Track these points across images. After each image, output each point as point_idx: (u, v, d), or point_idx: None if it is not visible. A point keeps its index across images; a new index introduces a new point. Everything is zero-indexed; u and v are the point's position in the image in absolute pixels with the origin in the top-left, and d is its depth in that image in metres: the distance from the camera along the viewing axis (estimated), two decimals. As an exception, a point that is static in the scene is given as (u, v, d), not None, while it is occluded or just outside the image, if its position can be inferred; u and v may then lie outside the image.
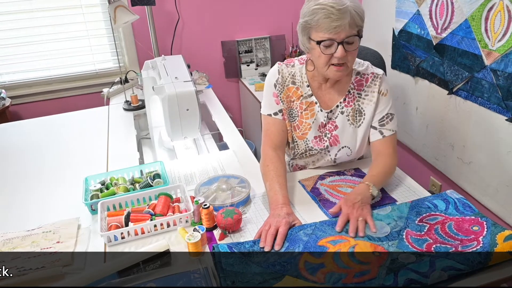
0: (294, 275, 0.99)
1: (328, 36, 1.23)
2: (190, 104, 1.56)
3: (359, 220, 1.16)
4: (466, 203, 1.23)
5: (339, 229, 1.14)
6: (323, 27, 1.22)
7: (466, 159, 1.97)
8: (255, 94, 2.78)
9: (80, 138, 1.93)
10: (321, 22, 1.22)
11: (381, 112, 1.42)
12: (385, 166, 1.38)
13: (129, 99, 2.28)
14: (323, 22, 1.22)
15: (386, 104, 1.42)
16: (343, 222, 1.16)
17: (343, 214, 1.18)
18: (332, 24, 1.21)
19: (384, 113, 1.42)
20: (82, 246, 1.19)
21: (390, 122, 1.42)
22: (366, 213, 1.19)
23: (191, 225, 1.24)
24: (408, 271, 0.97)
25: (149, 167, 1.53)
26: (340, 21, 1.21)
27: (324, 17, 1.21)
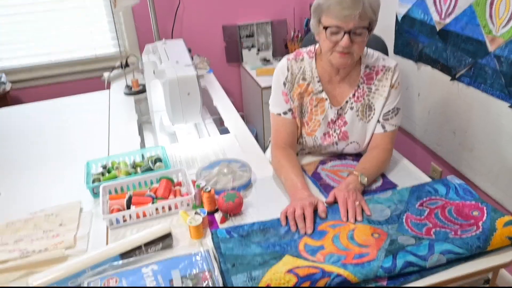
0: (294, 255, 1.01)
1: (336, 23, 1.21)
2: (191, 89, 1.55)
3: (356, 205, 1.16)
4: (466, 188, 1.23)
5: (345, 218, 1.14)
6: (333, 13, 1.21)
7: (468, 145, 1.97)
8: (256, 79, 2.77)
9: (81, 123, 1.94)
10: (332, 8, 1.21)
11: (388, 105, 1.40)
12: (378, 160, 1.36)
13: (129, 83, 2.27)
14: (334, 8, 1.20)
15: (395, 98, 1.40)
16: (345, 209, 1.16)
17: (342, 202, 1.18)
18: (342, 12, 1.19)
19: (391, 107, 1.40)
20: (84, 229, 1.20)
21: (394, 117, 1.41)
22: (360, 198, 1.20)
23: (193, 209, 1.25)
24: (407, 253, 0.98)
25: (151, 151, 1.54)
26: (351, 10, 1.19)
27: (336, 3, 1.20)
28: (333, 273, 0.93)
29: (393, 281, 0.95)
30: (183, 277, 0.95)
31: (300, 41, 2.96)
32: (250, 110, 3.13)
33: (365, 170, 1.30)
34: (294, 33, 2.98)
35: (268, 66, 2.96)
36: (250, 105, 3.09)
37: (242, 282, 0.91)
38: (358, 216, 1.14)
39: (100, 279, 0.96)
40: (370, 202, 1.21)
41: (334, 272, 0.94)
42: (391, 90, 1.39)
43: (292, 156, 1.39)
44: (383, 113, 1.40)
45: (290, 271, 0.93)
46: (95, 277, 0.97)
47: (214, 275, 0.96)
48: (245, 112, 3.28)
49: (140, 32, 2.79)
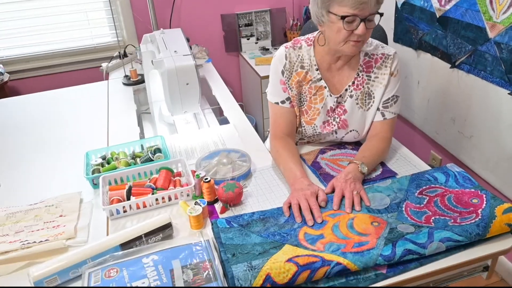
0: (294, 244, 1.01)
1: (352, 12, 1.18)
2: (190, 78, 1.55)
3: (354, 194, 1.16)
4: (466, 176, 1.23)
5: (336, 207, 1.14)
6: (348, 2, 1.17)
7: (467, 133, 1.97)
8: (255, 68, 2.76)
9: (80, 113, 1.93)
10: None
11: (388, 93, 1.39)
12: (378, 149, 1.36)
13: (128, 73, 2.26)
14: None
15: (394, 85, 1.39)
16: (339, 198, 1.16)
17: (338, 190, 1.18)
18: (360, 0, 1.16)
19: (391, 94, 1.39)
20: (84, 219, 1.20)
21: (394, 104, 1.40)
22: (359, 188, 1.19)
23: (192, 199, 1.25)
24: (406, 241, 0.98)
25: (150, 141, 1.53)
26: None
27: None
28: (333, 261, 0.94)
29: (393, 269, 0.96)
30: (183, 267, 0.96)
31: (299, 29, 2.94)
32: (249, 100, 3.12)
33: (365, 159, 1.30)
34: (293, 21, 2.96)
35: (267, 55, 2.95)
36: (249, 94, 3.08)
37: (242, 271, 0.91)
38: (356, 206, 1.14)
39: (101, 270, 0.96)
40: (369, 191, 1.21)
41: (334, 260, 0.94)
42: (390, 78, 1.38)
43: (291, 146, 1.39)
44: (382, 101, 1.40)
45: (290, 260, 0.93)
46: (96, 267, 0.97)
47: (215, 265, 0.96)
48: (244, 102, 3.27)
49: (138, 21, 2.77)
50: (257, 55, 2.94)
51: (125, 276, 0.94)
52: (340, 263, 0.94)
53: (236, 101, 2.01)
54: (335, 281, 0.94)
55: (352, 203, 1.15)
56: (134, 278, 0.93)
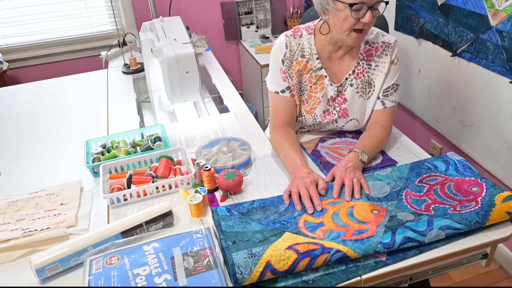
0: (294, 232, 1.01)
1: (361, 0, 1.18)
2: (189, 67, 1.54)
3: (354, 182, 1.17)
4: (466, 164, 1.23)
5: (336, 195, 1.15)
6: None
7: (468, 121, 1.97)
8: (255, 56, 2.74)
9: (80, 102, 1.93)
10: None
11: (388, 81, 1.39)
12: (378, 138, 1.36)
13: (127, 62, 2.25)
14: None
15: (394, 74, 1.38)
16: (338, 186, 1.16)
17: (338, 179, 1.18)
18: None
19: (391, 83, 1.39)
20: (85, 208, 1.21)
21: (394, 93, 1.40)
22: (360, 176, 1.20)
23: (193, 187, 1.26)
24: (406, 229, 0.99)
25: (150, 130, 1.53)
26: None
27: None
28: (332, 249, 0.94)
29: (392, 257, 0.97)
30: (184, 254, 0.96)
31: (300, 17, 2.92)
32: (250, 88, 3.11)
33: (365, 147, 1.30)
34: (293, 9, 2.94)
35: (267, 43, 2.93)
36: (249, 83, 3.07)
37: (242, 258, 0.92)
38: (356, 193, 1.15)
39: (102, 257, 0.97)
40: (369, 179, 1.21)
41: (334, 248, 0.94)
42: (391, 66, 1.37)
43: (291, 134, 1.39)
44: (382, 89, 1.39)
45: (290, 248, 0.94)
46: (97, 255, 0.98)
47: (215, 252, 0.97)
48: (244, 90, 3.26)
49: (137, 9, 2.75)
50: (257, 44, 2.92)
51: (126, 264, 0.94)
52: (340, 250, 0.94)
53: (236, 89, 2.00)
54: (335, 268, 0.95)
55: (352, 191, 1.15)
56: (135, 265, 0.94)
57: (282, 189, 1.22)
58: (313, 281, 0.92)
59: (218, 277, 0.91)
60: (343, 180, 1.18)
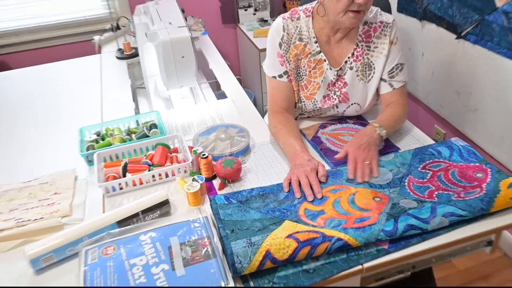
0: (294, 220, 1.02)
1: None
2: (185, 51, 1.53)
3: (365, 164, 1.17)
4: (470, 150, 1.23)
5: (352, 176, 1.16)
6: None
7: (472, 106, 1.96)
8: (253, 40, 2.72)
9: (73, 88, 1.91)
10: None
11: (390, 62, 1.38)
12: (394, 114, 1.36)
13: (121, 47, 2.23)
14: None
15: (396, 54, 1.37)
16: (353, 167, 1.17)
17: (351, 160, 1.18)
18: None
19: (394, 63, 1.38)
20: (80, 197, 1.20)
21: (400, 73, 1.38)
22: (373, 156, 1.20)
23: (190, 175, 1.26)
24: (409, 216, 0.99)
25: (145, 117, 1.52)
26: None
27: None
28: (333, 237, 0.94)
29: (395, 245, 0.97)
30: (181, 244, 0.96)
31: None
32: (248, 74, 3.09)
33: (383, 122, 1.30)
34: (293, -9, 2.91)
35: (266, 26, 2.90)
36: (248, 68, 3.05)
37: (241, 247, 0.92)
38: (365, 176, 1.15)
39: (98, 247, 0.97)
40: (371, 166, 1.21)
41: (335, 236, 0.95)
42: (391, 47, 1.36)
43: (290, 120, 1.38)
44: (387, 72, 1.38)
45: (290, 236, 0.94)
46: (93, 245, 0.98)
47: (213, 241, 0.97)
48: (242, 75, 3.24)
49: (131, -8, 2.72)
50: (255, 27, 2.90)
51: (123, 254, 0.94)
52: (341, 238, 0.94)
53: (234, 75, 1.99)
54: (336, 257, 0.95)
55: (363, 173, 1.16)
56: (132, 255, 0.94)
57: (281, 177, 1.22)
58: (314, 270, 0.93)
59: (216, 267, 0.91)
60: (356, 160, 1.18)
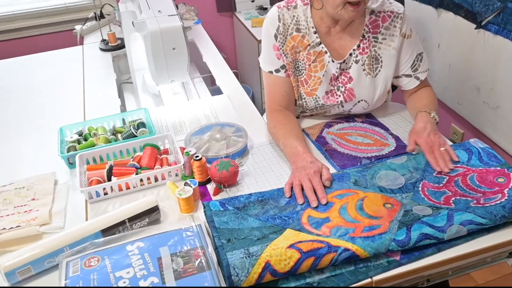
0: (296, 229, 1.02)
1: None
2: (176, 42, 1.53)
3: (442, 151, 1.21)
4: (491, 152, 1.24)
5: (439, 168, 1.19)
6: None
7: (493, 103, 1.97)
8: (251, 30, 2.73)
9: (52, 83, 1.92)
10: None
11: (410, 56, 1.40)
12: (429, 96, 1.42)
13: (106, 37, 2.24)
14: None
15: (414, 46, 1.40)
16: (434, 157, 1.21)
17: (428, 150, 1.22)
18: None
19: (414, 56, 1.41)
20: (60, 203, 1.21)
21: (421, 63, 1.43)
22: (444, 141, 1.25)
23: (182, 179, 1.26)
24: (423, 225, 1.00)
25: (132, 115, 1.53)
26: None
27: None
28: (340, 247, 0.95)
29: (407, 255, 0.97)
30: (173, 255, 0.97)
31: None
32: (245, 67, 3.10)
33: (429, 106, 1.36)
34: (295, -24, 2.92)
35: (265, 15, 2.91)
36: (245, 61, 3.06)
37: (238, 258, 0.92)
38: (449, 164, 1.19)
39: (80, 258, 0.97)
40: (382, 168, 1.22)
41: (342, 246, 0.95)
42: (404, 40, 1.37)
43: (290, 118, 1.39)
44: (409, 67, 1.41)
45: (292, 246, 0.95)
46: (75, 256, 0.98)
47: (208, 252, 0.97)
48: (239, 69, 3.25)
49: (116, -23, 2.73)
50: (254, 16, 2.91)
51: (108, 266, 0.95)
52: (348, 249, 0.95)
53: (230, 68, 2.00)
54: (342, 269, 0.96)
55: (444, 161, 1.20)
56: (118, 267, 0.94)
57: (282, 181, 1.23)
58: (318, 283, 0.93)
59: (211, 280, 0.91)
60: (432, 148, 1.22)
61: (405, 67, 1.41)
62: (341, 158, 1.30)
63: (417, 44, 1.41)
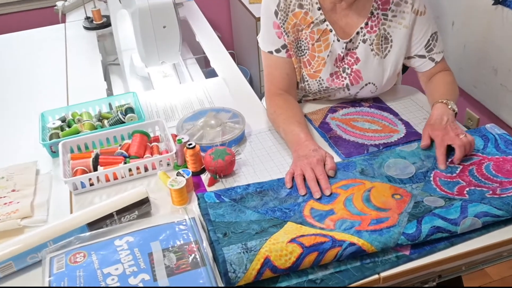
0: (298, 222, 1.03)
1: None
2: (167, 20, 1.53)
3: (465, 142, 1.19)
4: (509, 139, 1.24)
5: (444, 165, 1.18)
6: None
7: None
8: (249, 7, 2.72)
9: (32, 64, 1.91)
10: None
11: (424, 35, 1.39)
12: (448, 83, 1.41)
13: (90, 15, 2.23)
14: None
15: (428, 24, 1.39)
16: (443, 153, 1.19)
17: (441, 143, 1.20)
18: None
19: (429, 35, 1.39)
20: (42, 195, 1.21)
21: (437, 43, 1.41)
22: (463, 131, 1.23)
23: (174, 169, 1.26)
24: (435, 217, 1.00)
25: (120, 99, 1.53)
26: None
27: None
28: (345, 241, 0.96)
29: (418, 250, 0.98)
30: (164, 250, 0.97)
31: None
32: (242, 48, 3.09)
33: (447, 95, 1.34)
34: None
35: (264, -10, 2.90)
36: (242, 41, 3.05)
37: (236, 254, 0.93)
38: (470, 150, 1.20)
39: (65, 254, 0.98)
40: (391, 156, 1.22)
41: (347, 240, 0.96)
42: (416, 17, 1.36)
43: (291, 103, 1.39)
44: (423, 46, 1.40)
45: (293, 241, 0.95)
46: (59, 251, 0.98)
47: (202, 247, 0.98)
48: (236, 50, 3.24)
49: None
50: (252, -9, 2.89)
51: (95, 262, 0.95)
52: (354, 243, 0.96)
53: (226, 49, 1.99)
54: (348, 265, 0.96)
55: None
56: (105, 263, 0.95)
57: (283, 171, 1.23)
58: (322, 280, 0.94)
59: (206, 277, 0.92)
60: (451, 142, 1.20)
61: (418, 46, 1.41)
62: (347, 146, 1.30)
63: (432, 22, 1.40)
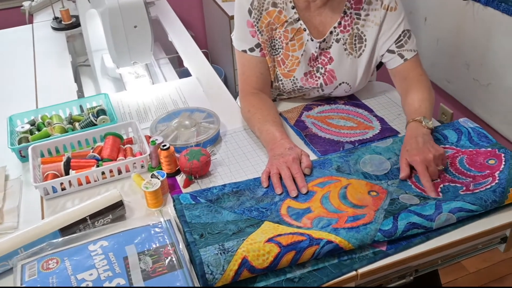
0: (275, 221, 1.03)
1: None
2: (138, 19, 1.52)
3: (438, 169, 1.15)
4: (482, 132, 1.27)
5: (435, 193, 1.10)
6: None
7: (484, 80, 2.01)
8: (222, 6, 2.72)
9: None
10: None
11: (395, 30, 1.37)
12: (423, 94, 1.34)
13: (58, 15, 2.20)
14: None
15: (398, 20, 1.37)
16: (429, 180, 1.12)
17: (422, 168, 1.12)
18: None
19: (400, 30, 1.37)
20: (12, 201, 1.20)
21: (409, 40, 1.38)
22: (439, 149, 1.17)
23: (148, 171, 1.26)
24: (410, 214, 1.02)
25: (91, 101, 1.52)
26: None
27: None
28: (322, 239, 0.97)
29: (394, 246, 0.99)
30: (140, 254, 0.97)
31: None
32: (216, 47, 3.09)
33: (420, 109, 1.29)
34: None
35: (237, -12, 2.90)
36: (216, 39, 3.04)
37: (213, 255, 0.93)
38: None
39: (37, 261, 0.96)
40: (366, 152, 1.24)
41: (324, 238, 0.97)
42: (387, 13, 1.37)
43: (265, 102, 1.40)
44: (394, 42, 1.37)
45: (270, 240, 0.96)
46: (31, 258, 0.97)
47: (179, 249, 0.98)
48: (209, 49, 3.23)
49: None
50: (224, -11, 2.89)
51: (68, 268, 0.95)
52: (331, 241, 0.97)
53: (199, 48, 1.99)
54: (325, 262, 0.97)
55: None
56: (79, 269, 0.94)
57: (259, 170, 1.24)
58: (300, 279, 0.95)
59: (183, 279, 0.92)
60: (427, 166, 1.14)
61: (389, 42, 1.39)
62: (322, 143, 1.32)
63: (404, 19, 1.39)
